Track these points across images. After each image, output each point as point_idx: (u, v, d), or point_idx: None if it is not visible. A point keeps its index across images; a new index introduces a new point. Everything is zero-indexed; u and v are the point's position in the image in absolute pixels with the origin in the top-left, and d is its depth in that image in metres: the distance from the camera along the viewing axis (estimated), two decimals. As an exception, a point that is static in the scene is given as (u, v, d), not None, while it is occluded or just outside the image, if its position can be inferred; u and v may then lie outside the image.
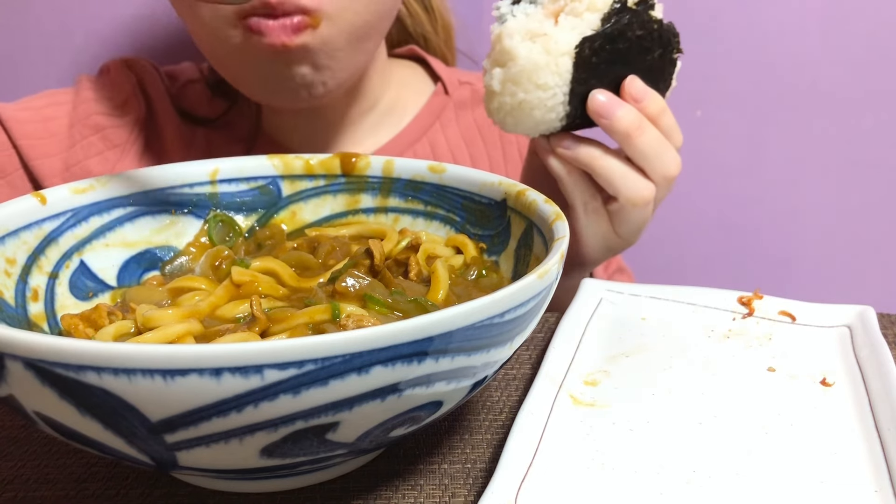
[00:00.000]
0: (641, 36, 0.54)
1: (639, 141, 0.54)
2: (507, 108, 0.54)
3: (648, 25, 0.54)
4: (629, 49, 0.54)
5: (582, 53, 0.52)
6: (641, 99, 0.54)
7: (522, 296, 0.32)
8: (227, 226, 0.52)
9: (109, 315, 0.40)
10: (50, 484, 0.39)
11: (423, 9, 0.86)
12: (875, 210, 1.08)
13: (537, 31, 0.53)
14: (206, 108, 0.81)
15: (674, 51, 0.56)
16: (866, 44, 1.00)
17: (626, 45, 0.54)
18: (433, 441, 0.42)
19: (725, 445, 0.39)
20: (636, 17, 0.53)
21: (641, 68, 0.55)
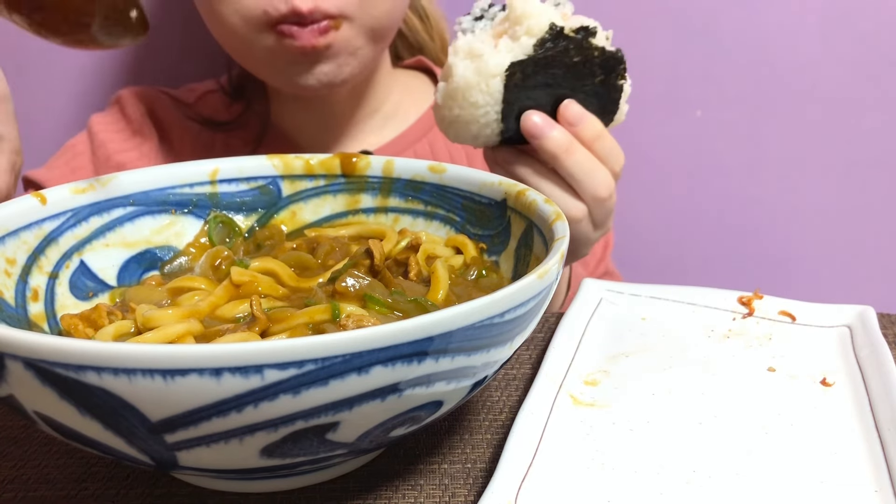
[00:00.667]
0: (580, 62, 0.56)
1: (567, 162, 0.57)
2: (447, 121, 0.58)
3: (587, 52, 0.56)
4: (566, 74, 0.56)
5: (513, 77, 0.55)
6: (576, 123, 0.57)
7: (522, 296, 0.32)
8: (228, 227, 0.52)
9: (109, 315, 0.40)
10: (50, 484, 0.39)
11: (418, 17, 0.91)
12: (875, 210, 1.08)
13: (476, 51, 0.55)
14: (225, 114, 0.87)
15: (618, 77, 0.58)
16: (866, 44, 1.00)
17: (562, 70, 0.56)
18: (433, 441, 0.42)
19: (725, 445, 0.39)
20: (574, 43, 0.55)
21: (583, 92, 0.58)
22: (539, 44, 0.55)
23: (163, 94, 0.87)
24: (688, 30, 1.01)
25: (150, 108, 0.85)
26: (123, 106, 0.84)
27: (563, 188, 0.59)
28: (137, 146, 0.83)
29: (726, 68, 1.02)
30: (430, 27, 0.91)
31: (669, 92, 1.03)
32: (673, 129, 1.05)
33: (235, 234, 0.52)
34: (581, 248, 0.64)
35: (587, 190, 0.58)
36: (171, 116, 0.85)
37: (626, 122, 0.62)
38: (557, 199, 0.58)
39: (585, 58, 0.56)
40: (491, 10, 0.58)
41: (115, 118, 0.85)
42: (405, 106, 0.88)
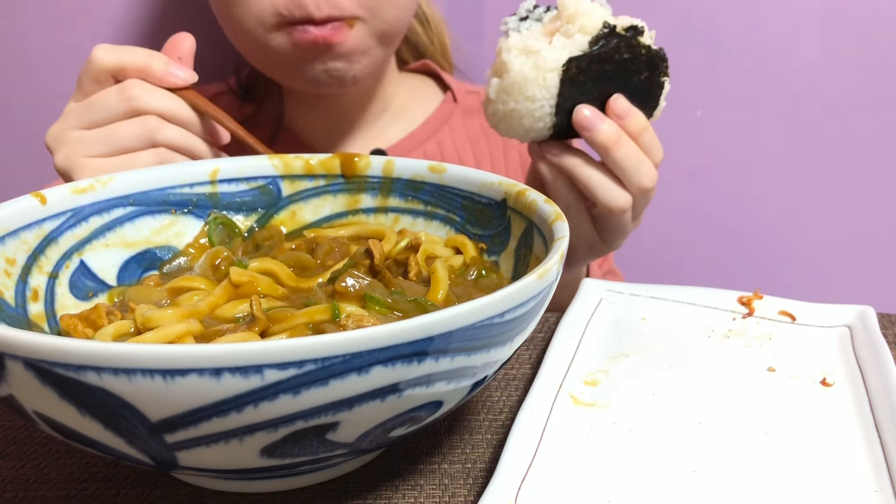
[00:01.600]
0: (629, 59, 0.59)
1: (617, 154, 0.59)
2: (500, 115, 0.60)
3: (636, 50, 0.59)
4: (616, 70, 0.59)
5: (569, 71, 0.58)
6: (624, 116, 0.59)
7: (522, 296, 0.32)
8: (228, 228, 0.52)
9: (108, 315, 0.40)
10: (50, 484, 0.39)
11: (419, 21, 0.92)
12: (875, 210, 1.08)
13: (532, 48, 0.58)
14: (236, 114, 0.87)
15: (661, 74, 0.61)
16: (866, 44, 1.00)
17: (612, 66, 0.59)
18: (433, 441, 0.42)
19: (725, 445, 0.39)
20: (624, 41, 0.58)
21: (628, 88, 0.60)
22: (594, 41, 0.58)
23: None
24: (688, 30, 1.01)
25: None
26: None
27: (612, 179, 0.61)
28: None
29: (726, 68, 1.02)
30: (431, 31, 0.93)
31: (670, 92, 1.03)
32: (673, 129, 1.05)
33: (235, 234, 0.52)
34: (619, 240, 0.66)
35: (634, 181, 0.60)
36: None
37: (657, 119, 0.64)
38: (606, 190, 0.60)
39: (634, 55, 0.59)
40: (536, 10, 0.61)
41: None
42: (412, 107, 0.89)
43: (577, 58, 0.58)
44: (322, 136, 0.86)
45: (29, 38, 0.97)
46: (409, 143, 0.87)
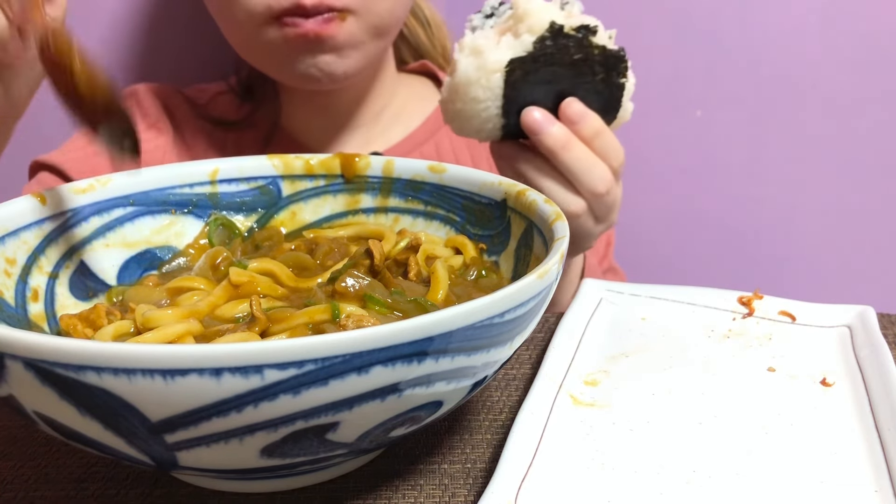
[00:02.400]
0: (580, 60, 0.57)
1: (565, 157, 0.58)
2: (451, 115, 0.60)
3: (588, 50, 0.57)
4: (568, 71, 0.58)
5: (513, 73, 0.56)
6: (577, 121, 0.58)
7: (522, 296, 0.32)
8: (228, 229, 0.52)
9: (108, 315, 0.40)
10: (50, 484, 0.39)
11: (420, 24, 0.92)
12: (875, 210, 1.08)
13: (479, 48, 0.57)
14: (236, 114, 0.87)
15: (619, 75, 0.59)
16: (866, 44, 1.00)
17: (563, 67, 0.57)
18: (433, 441, 0.42)
19: (725, 445, 0.39)
20: (574, 41, 0.57)
21: (584, 89, 0.59)
22: (539, 41, 0.56)
23: (177, 92, 0.88)
24: (688, 30, 1.01)
25: (166, 104, 0.86)
26: (140, 99, 0.85)
27: (562, 183, 0.60)
28: (154, 139, 0.83)
29: (726, 68, 1.02)
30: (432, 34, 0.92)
31: (669, 92, 1.03)
32: (673, 129, 1.05)
33: (235, 235, 0.52)
34: (583, 242, 0.65)
35: (585, 185, 0.59)
36: (185, 114, 0.86)
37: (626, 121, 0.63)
38: (557, 194, 0.60)
39: (586, 56, 0.57)
40: (501, 7, 0.59)
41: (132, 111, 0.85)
42: (410, 108, 0.89)
43: (520, 59, 0.56)
44: (319, 137, 0.86)
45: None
46: (407, 145, 0.86)
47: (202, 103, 0.88)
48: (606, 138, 0.60)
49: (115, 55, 0.98)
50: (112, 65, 0.99)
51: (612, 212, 0.63)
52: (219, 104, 0.88)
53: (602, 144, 0.60)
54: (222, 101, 0.88)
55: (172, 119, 0.86)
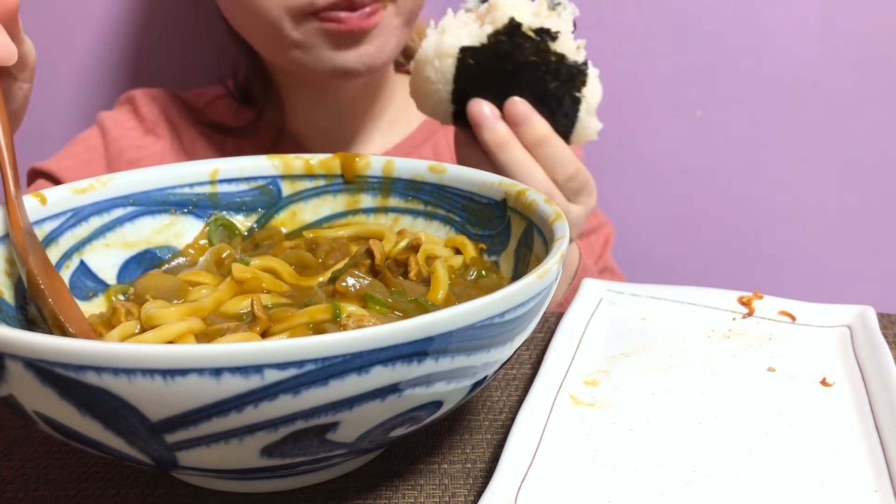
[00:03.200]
0: (535, 63, 0.56)
1: (501, 157, 0.58)
2: (412, 90, 0.62)
3: (545, 55, 0.56)
4: (519, 71, 0.56)
5: (464, 60, 0.56)
6: (519, 123, 0.57)
7: (522, 296, 0.32)
8: (228, 229, 0.52)
9: (127, 315, 0.40)
10: (50, 484, 0.39)
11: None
12: (875, 210, 1.08)
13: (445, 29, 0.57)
14: (234, 119, 0.86)
15: (574, 89, 0.57)
16: (866, 44, 1.00)
17: (514, 66, 0.56)
18: (433, 441, 0.42)
19: (725, 445, 0.39)
20: (531, 43, 0.55)
21: (535, 94, 0.57)
22: (494, 35, 0.56)
23: (175, 96, 0.87)
24: (688, 30, 1.01)
25: (164, 109, 0.86)
26: (137, 105, 0.85)
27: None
28: (150, 145, 0.83)
29: (726, 68, 1.02)
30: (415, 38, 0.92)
31: (669, 92, 1.03)
32: (673, 129, 1.05)
33: (235, 236, 0.52)
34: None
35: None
36: (183, 119, 0.86)
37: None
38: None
39: (542, 60, 0.56)
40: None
41: (127, 117, 0.85)
42: (407, 110, 0.89)
43: (471, 48, 0.56)
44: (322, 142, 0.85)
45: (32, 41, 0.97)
46: (405, 147, 0.86)
47: (200, 107, 0.87)
48: (552, 149, 0.58)
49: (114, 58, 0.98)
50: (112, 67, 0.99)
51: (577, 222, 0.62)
52: (217, 108, 0.88)
53: (546, 154, 0.58)
54: (220, 106, 0.88)
55: (171, 124, 0.85)
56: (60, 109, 1.00)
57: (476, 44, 0.56)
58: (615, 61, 1.01)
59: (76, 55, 0.98)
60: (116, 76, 1.00)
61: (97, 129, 0.84)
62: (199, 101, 0.88)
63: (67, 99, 1.00)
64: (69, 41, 0.97)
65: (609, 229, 0.92)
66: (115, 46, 0.98)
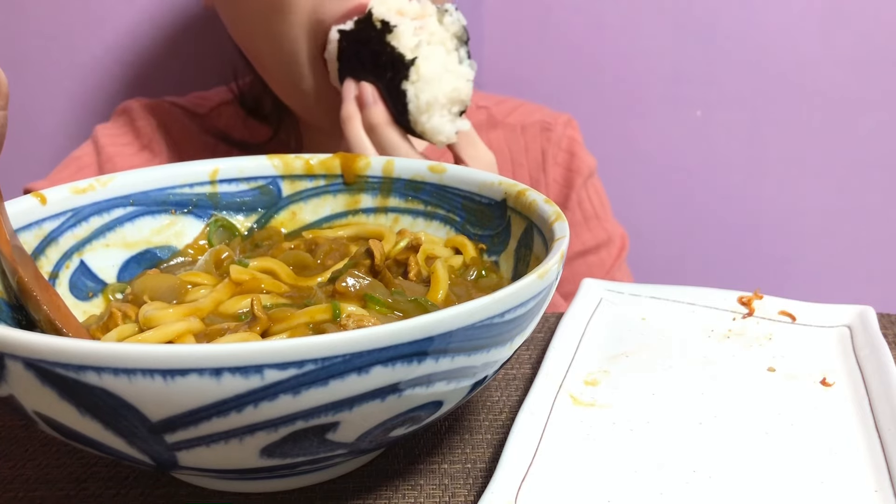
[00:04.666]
0: (379, 51, 0.61)
1: (344, 131, 0.64)
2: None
3: (384, 47, 0.61)
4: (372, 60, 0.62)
5: (340, 42, 0.63)
6: (364, 107, 0.64)
7: (522, 296, 0.32)
8: (228, 230, 0.52)
9: (124, 318, 0.40)
10: (50, 484, 0.39)
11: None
12: (875, 210, 1.08)
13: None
14: (242, 130, 0.84)
15: (399, 80, 0.61)
16: (866, 44, 1.00)
17: (368, 53, 0.62)
18: (433, 441, 0.42)
19: (725, 445, 0.39)
20: (375, 32, 0.61)
21: (383, 83, 0.63)
22: (357, 21, 0.62)
23: (175, 107, 0.84)
24: (688, 30, 1.01)
25: (162, 122, 0.83)
26: (133, 118, 0.82)
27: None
28: (147, 161, 0.81)
29: (726, 68, 1.02)
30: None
31: (669, 92, 1.03)
32: (673, 129, 1.05)
33: (235, 237, 0.52)
34: None
35: None
36: (183, 131, 0.83)
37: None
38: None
39: (381, 51, 0.61)
40: None
41: (123, 130, 0.82)
42: None
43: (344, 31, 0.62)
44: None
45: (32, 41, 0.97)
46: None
47: (203, 113, 0.84)
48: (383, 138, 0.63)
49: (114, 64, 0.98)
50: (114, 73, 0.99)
51: None
52: (223, 115, 0.84)
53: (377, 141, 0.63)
54: (226, 113, 0.84)
55: (169, 137, 0.82)
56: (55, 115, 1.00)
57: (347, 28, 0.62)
58: (615, 61, 1.01)
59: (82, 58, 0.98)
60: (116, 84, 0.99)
61: (91, 147, 0.81)
62: (202, 107, 0.85)
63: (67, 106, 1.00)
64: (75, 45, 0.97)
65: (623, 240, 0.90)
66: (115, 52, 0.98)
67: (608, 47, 1.00)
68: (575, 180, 0.88)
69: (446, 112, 0.63)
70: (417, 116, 0.63)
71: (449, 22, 0.63)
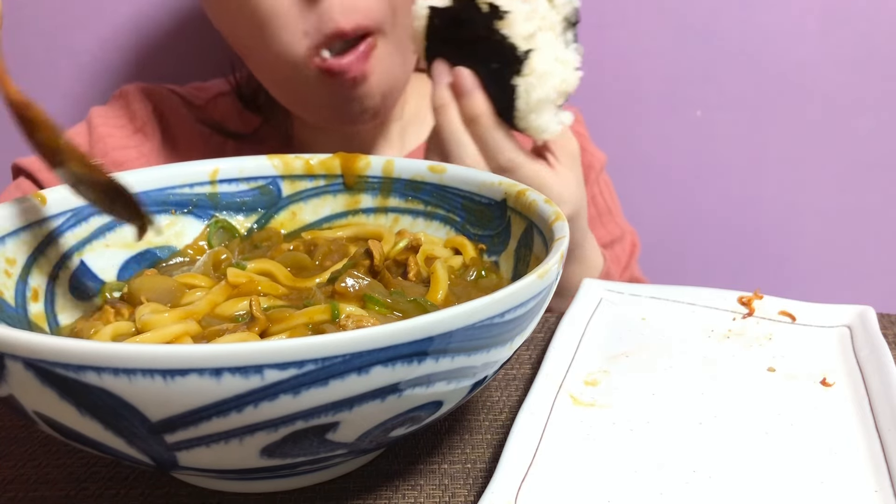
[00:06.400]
0: (483, 37, 0.55)
1: (438, 118, 0.58)
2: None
3: (493, 33, 0.55)
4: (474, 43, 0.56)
5: (432, 21, 0.57)
6: (459, 94, 0.57)
7: (522, 296, 0.32)
8: (228, 232, 0.51)
9: (116, 316, 0.40)
10: (50, 484, 0.39)
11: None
12: (875, 210, 1.08)
13: None
14: (237, 122, 0.83)
15: (511, 74, 0.55)
16: (866, 44, 1.00)
17: (470, 36, 0.56)
18: (433, 441, 0.42)
19: (725, 445, 0.39)
20: (480, 16, 0.55)
21: (485, 72, 0.57)
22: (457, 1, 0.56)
23: (172, 93, 0.84)
24: (688, 30, 1.01)
25: (158, 106, 0.82)
26: (129, 102, 0.82)
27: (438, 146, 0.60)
28: (138, 145, 0.80)
29: (726, 68, 1.02)
30: None
31: (669, 92, 1.03)
32: (673, 129, 1.05)
33: (235, 238, 0.52)
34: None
35: (446, 154, 0.58)
36: (179, 118, 0.83)
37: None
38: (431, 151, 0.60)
39: (488, 36, 0.55)
40: None
41: (118, 113, 0.82)
42: (423, 112, 0.86)
43: (437, 8, 0.57)
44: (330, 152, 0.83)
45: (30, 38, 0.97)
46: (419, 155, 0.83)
47: (200, 104, 0.84)
48: (484, 131, 0.57)
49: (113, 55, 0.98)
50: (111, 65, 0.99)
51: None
52: (219, 106, 0.84)
53: (477, 134, 0.57)
54: (223, 104, 0.84)
55: (163, 122, 0.82)
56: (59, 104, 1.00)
57: (441, 5, 0.57)
58: (615, 61, 1.01)
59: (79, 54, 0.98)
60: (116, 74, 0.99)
61: (84, 127, 0.81)
62: (200, 98, 0.85)
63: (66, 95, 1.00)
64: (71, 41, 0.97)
65: (633, 237, 0.89)
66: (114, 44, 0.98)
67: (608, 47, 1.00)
68: (588, 175, 0.85)
69: (552, 106, 0.57)
70: (526, 114, 0.56)
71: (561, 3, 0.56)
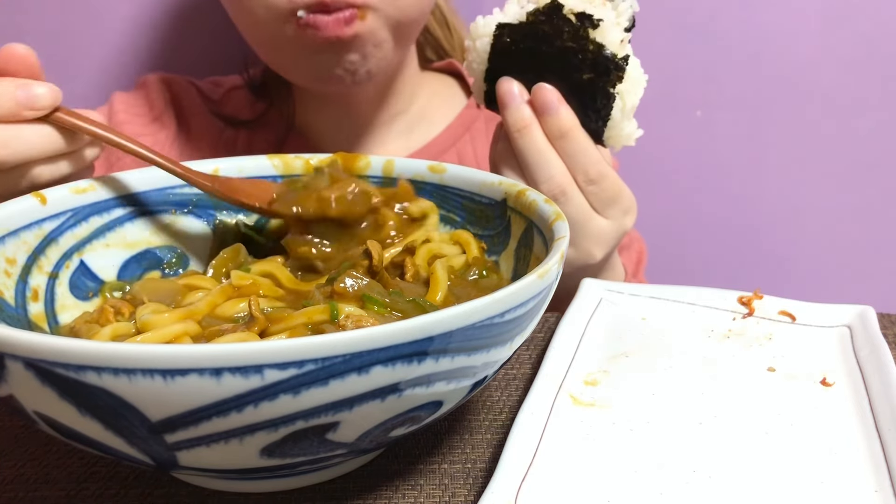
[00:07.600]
0: (570, 49, 0.53)
1: (519, 142, 0.55)
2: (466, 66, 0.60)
3: (582, 42, 0.52)
4: (555, 56, 0.53)
5: (500, 38, 0.54)
6: (542, 111, 0.54)
7: (522, 296, 0.32)
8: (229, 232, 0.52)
9: (116, 315, 0.40)
10: (50, 484, 0.39)
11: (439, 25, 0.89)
12: (875, 210, 1.08)
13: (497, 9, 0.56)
14: (248, 112, 0.85)
15: (609, 83, 0.53)
16: (866, 44, 1.00)
17: (550, 50, 0.53)
18: (433, 441, 0.42)
19: (725, 445, 0.39)
20: (570, 27, 0.52)
21: (568, 84, 0.54)
22: (533, 13, 0.53)
23: (191, 85, 0.86)
24: (688, 30, 1.01)
25: (176, 97, 0.84)
26: (149, 91, 0.84)
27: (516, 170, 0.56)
28: (154, 133, 0.81)
29: (726, 68, 1.02)
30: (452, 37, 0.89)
31: (669, 92, 1.03)
32: (673, 129, 1.05)
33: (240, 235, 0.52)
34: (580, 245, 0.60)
35: (532, 178, 0.55)
36: (195, 110, 0.84)
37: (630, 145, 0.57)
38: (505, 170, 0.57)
39: (579, 48, 0.52)
40: None
41: (139, 101, 0.83)
42: (432, 110, 0.86)
43: (509, 25, 0.54)
44: (334, 140, 0.83)
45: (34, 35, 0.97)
46: (428, 152, 0.83)
47: (216, 98, 0.85)
48: (575, 145, 0.54)
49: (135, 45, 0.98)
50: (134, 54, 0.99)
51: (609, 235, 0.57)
52: (232, 100, 0.85)
53: (567, 149, 0.54)
54: (236, 97, 0.85)
55: (180, 112, 0.83)
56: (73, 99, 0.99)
57: (514, 21, 0.53)
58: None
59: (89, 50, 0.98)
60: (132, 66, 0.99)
61: (106, 110, 0.83)
62: (216, 92, 0.86)
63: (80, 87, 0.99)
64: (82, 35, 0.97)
65: (641, 245, 0.88)
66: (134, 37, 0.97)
67: (608, 47, 1.00)
68: None
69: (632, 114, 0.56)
70: (620, 122, 0.54)
71: (623, 7, 0.54)
